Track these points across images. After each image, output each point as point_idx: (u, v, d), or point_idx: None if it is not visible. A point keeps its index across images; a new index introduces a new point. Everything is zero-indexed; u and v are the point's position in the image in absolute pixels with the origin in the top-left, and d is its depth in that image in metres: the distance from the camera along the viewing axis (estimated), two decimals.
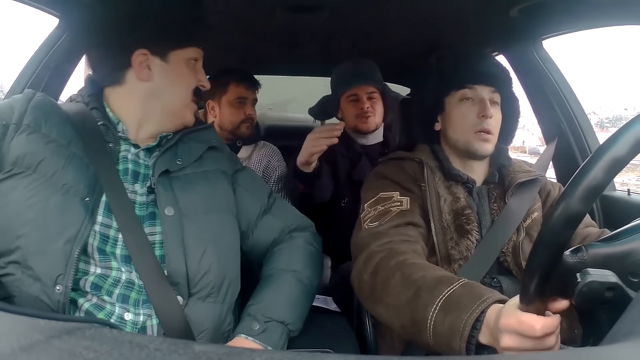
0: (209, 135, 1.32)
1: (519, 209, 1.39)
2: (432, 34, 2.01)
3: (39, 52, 1.79)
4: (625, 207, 1.78)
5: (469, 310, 0.89)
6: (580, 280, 0.69)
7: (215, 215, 1.21)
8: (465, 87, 1.42)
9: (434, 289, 0.99)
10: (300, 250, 1.32)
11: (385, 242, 1.21)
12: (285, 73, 3.03)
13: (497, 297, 0.90)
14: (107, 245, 1.09)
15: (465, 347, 0.88)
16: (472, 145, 1.40)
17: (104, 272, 1.09)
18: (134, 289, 1.10)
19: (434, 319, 0.95)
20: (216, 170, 1.27)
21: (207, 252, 1.14)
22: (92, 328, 0.54)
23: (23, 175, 1.06)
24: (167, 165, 1.18)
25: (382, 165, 1.50)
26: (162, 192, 1.15)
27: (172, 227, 1.13)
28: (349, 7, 1.73)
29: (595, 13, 1.54)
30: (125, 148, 1.19)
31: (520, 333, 0.77)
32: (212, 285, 1.14)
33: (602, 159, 0.64)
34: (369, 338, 1.54)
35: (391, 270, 1.10)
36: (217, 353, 0.47)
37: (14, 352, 0.45)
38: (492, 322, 0.85)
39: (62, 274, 1.02)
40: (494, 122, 1.40)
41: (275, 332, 1.16)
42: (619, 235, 0.79)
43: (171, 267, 1.10)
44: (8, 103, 1.15)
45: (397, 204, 1.33)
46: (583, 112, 1.93)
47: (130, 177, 1.17)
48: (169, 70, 1.19)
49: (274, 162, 2.27)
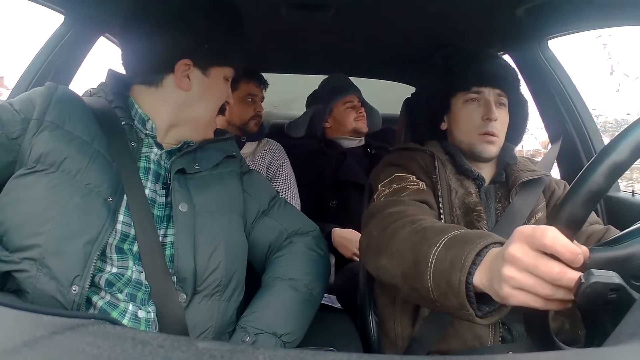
0: (228, 146, 1.33)
1: (523, 208, 1.38)
2: (438, 33, 2.01)
3: (44, 49, 1.80)
4: (629, 208, 1.77)
5: (473, 243, 0.84)
6: (584, 281, 0.69)
7: (227, 216, 1.21)
8: (471, 89, 1.41)
9: (441, 231, 0.94)
10: (299, 257, 1.30)
11: (401, 207, 1.17)
12: (290, 71, 3.03)
13: (504, 240, 0.82)
14: (125, 243, 1.10)
15: (465, 285, 0.82)
16: (476, 147, 1.40)
17: (119, 270, 1.08)
18: (140, 289, 1.10)
19: (437, 256, 0.89)
20: (231, 172, 1.29)
21: (217, 250, 1.14)
22: (95, 324, 0.54)
23: (46, 172, 1.05)
24: (184, 165, 1.18)
25: (393, 154, 1.49)
26: (178, 189, 1.15)
27: (184, 223, 1.13)
28: (354, 6, 1.73)
29: (602, 13, 1.53)
30: (147, 149, 1.20)
31: (529, 240, 0.71)
32: (218, 282, 1.14)
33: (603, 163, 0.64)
34: (372, 337, 1.54)
35: (402, 223, 1.06)
36: (220, 350, 0.47)
37: (17, 348, 0.45)
38: (494, 256, 0.80)
39: (79, 275, 1.01)
40: (499, 125, 1.39)
41: (266, 344, 1.13)
42: (621, 239, 0.79)
43: (180, 263, 1.10)
44: (28, 96, 1.14)
45: (413, 183, 1.31)
46: (588, 112, 1.92)
47: (152, 177, 1.18)
48: (207, 84, 1.23)
49: (278, 159, 2.29)
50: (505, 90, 1.42)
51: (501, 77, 1.42)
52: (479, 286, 0.82)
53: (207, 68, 1.22)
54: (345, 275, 2.04)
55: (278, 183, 2.20)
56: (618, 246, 0.77)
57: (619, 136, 0.66)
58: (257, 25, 2.00)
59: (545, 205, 1.43)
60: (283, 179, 2.23)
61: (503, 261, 0.74)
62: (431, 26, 1.93)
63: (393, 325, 1.38)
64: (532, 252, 0.71)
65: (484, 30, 1.91)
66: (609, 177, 0.65)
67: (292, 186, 2.24)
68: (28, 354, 0.45)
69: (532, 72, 1.96)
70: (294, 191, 2.23)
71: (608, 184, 0.65)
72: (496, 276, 0.76)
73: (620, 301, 0.67)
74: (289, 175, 2.26)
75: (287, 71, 3.00)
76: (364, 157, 2.51)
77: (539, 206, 1.41)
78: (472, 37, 1.99)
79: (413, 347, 1.31)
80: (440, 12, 1.76)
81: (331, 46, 2.34)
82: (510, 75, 1.45)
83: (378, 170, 1.44)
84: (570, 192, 0.67)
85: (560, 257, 0.69)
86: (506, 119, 1.43)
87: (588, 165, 0.66)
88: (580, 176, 0.67)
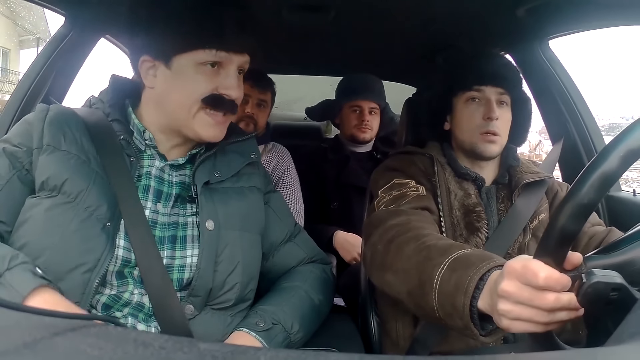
0: (249, 148, 1.27)
1: (525, 209, 1.38)
2: (439, 34, 2.01)
3: (45, 50, 1.80)
4: (630, 208, 1.77)
5: (476, 267, 0.87)
6: (586, 281, 0.69)
7: (248, 235, 1.18)
8: (472, 88, 1.41)
9: (445, 251, 0.97)
10: (316, 276, 1.30)
11: (402, 218, 1.19)
12: (291, 72, 3.04)
13: (504, 261, 0.86)
14: (126, 268, 1.06)
15: (469, 308, 0.85)
16: (477, 146, 1.39)
17: (118, 293, 1.06)
18: (142, 311, 1.07)
19: (441, 278, 0.92)
20: (252, 188, 1.24)
21: (235, 272, 1.12)
22: (96, 326, 0.54)
23: (47, 196, 1.04)
24: (208, 177, 1.14)
25: (392, 158, 1.50)
26: (205, 204, 1.11)
27: (210, 242, 1.10)
28: (355, 7, 1.73)
29: (603, 13, 1.53)
30: (149, 163, 1.15)
31: (521, 278, 0.73)
32: (231, 302, 1.13)
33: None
34: (374, 337, 1.54)
35: (406, 239, 1.08)
36: (221, 351, 0.47)
37: (18, 349, 0.45)
38: (493, 283, 0.82)
39: (78, 302, 0.98)
40: (500, 124, 1.39)
41: (278, 336, 1.12)
42: (618, 245, 0.79)
43: (199, 282, 1.08)
44: (23, 127, 1.11)
45: (413, 189, 1.32)
46: (589, 112, 1.92)
47: (153, 196, 1.12)
48: (170, 75, 1.09)
49: (283, 163, 2.26)
50: (506, 89, 1.41)
51: (502, 75, 1.41)
52: (482, 309, 0.85)
53: (168, 59, 1.08)
54: (349, 275, 2.05)
55: (282, 187, 2.18)
56: (614, 253, 0.78)
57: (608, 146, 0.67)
58: (258, 26, 2.00)
59: (548, 207, 1.43)
60: (287, 183, 2.21)
61: (497, 297, 0.77)
62: (432, 27, 1.93)
63: (395, 326, 1.38)
64: (525, 287, 0.73)
65: (485, 31, 1.91)
66: (599, 189, 0.65)
67: (295, 190, 2.22)
68: (29, 355, 0.45)
69: (533, 73, 1.96)
70: (297, 195, 2.22)
71: (599, 196, 0.66)
72: (494, 308, 0.79)
73: (621, 301, 0.67)
74: (293, 180, 2.24)
75: (288, 72, 3.01)
76: (368, 161, 2.47)
77: (542, 207, 1.41)
78: (473, 37, 1.99)
79: (415, 347, 1.31)
80: (442, 13, 1.76)
81: (332, 47, 2.34)
82: (511, 73, 1.44)
83: (377, 175, 1.44)
84: (561, 206, 0.68)
85: (553, 291, 0.72)
86: (508, 117, 1.43)
87: (578, 178, 0.67)
88: (571, 190, 0.68)
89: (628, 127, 0.67)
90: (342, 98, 2.49)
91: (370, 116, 2.43)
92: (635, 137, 0.65)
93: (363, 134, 2.43)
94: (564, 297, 0.72)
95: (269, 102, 2.25)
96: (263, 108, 2.22)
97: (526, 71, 1.97)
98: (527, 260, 0.74)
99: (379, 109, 2.47)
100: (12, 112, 1.71)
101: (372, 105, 2.44)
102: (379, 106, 2.47)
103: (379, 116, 2.49)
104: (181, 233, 1.12)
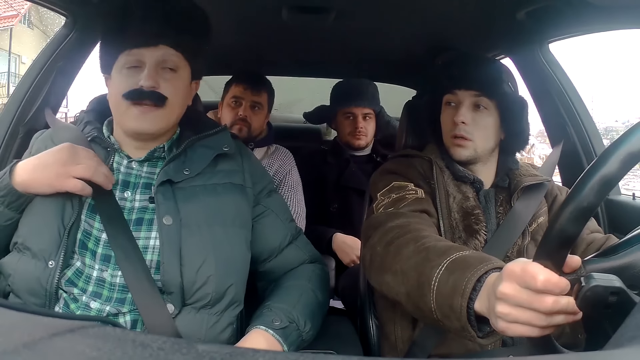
0: (221, 141, 1.26)
1: (524, 212, 1.38)
2: (438, 37, 2.01)
3: (46, 50, 1.80)
4: (630, 212, 1.77)
5: (474, 268, 0.87)
6: (584, 285, 0.69)
7: (221, 228, 1.17)
8: (450, 91, 1.42)
9: (443, 253, 0.97)
10: (319, 276, 1.31)
11: (402, 221, 1.19)
12: (291, 74, 3.03)
13: (503, 264, 0.85)
14: (89, 242, 1.13)
15: (467, 309, 0.86)
16: (449, 150, 1.41)
17: (80, 267, 1.12)
18: (104, 287, 1.11)
19: (439, 279, 0.93)
20: (227, 184, 1.23)
21: (206, 264, 1.12)
22: (95, 326, 0.54)
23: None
24: (170, 176, 1.16)
25: (391, 161, 1.50)
26: (162, 202, 1.14)
27: (169, 236, 1.12)
28: (355, 8, 1.73)
29: (603, 16, 1.53)
30: (117, 160, 1.22)
31: (520, 281, 0.73)
32: (210, 297, 1.12)
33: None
34: (373, 340, 1.54)
35: (406, 240, 1.09)
36: (220, 353, 0.47)
37: (17, 349, 0.45)
38: (491, 285, 0.82)
39: (53, 252, 1.09)
40: (472, 128, 1.37)
41: (293, 334, 1.13)
42: (617, 249, 0.79)
43: (166, 277, 1.10)
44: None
45: (412, 192, 1.32)
46: (589, 115, 1.92)
47: (120, 186, 1.18)
48: (109, 86, 1.22)
49: (285, 166, 2.23)
50: (482, 92, 1.38)
51: (475, 78, 1.39)
52: (479, 311, 0.85)
53: (109, 72, 1.21)
54: (348, 278, 2.05)
55: (284, 190, 2.16)
56: (613, 257, 0.78)
57: (608, 150, 0.67)
58: (257, 28, 2.01)
59: (547, 210, 1.43)
60: (289, 186, 2.18)
61: (495, 299, 0.77)
62: (432, 30, 1.93)
63: (393, 329, 1.38)
64: (524, 290, 0.73)
65: (485, 34, 1.92)
66: (599, 192, 0.66)
67: (297, 193, 2.20)
68: (28, 355, 0.45)
69: (533, 76, 1.96)
70: (299, 198, 2.19)
71: (599, 199, 0.66)
72: (492, 310, 0.79)
73: (620, 304, 0.68)
74: (296, 183, 2.21)
75: (288, 74, 3.01)
76: (368, 163, 2.46)
77: (541, 211, 1.41)
78: (473, 40, 2.00)
79: (413, 350, 1.31)
80: (441, 16, 1.76)
81: (332, 49, 2.34)
82: (485, 76, 1.41)
83: (376, 178, 1.44)
84: (561, 209, 0.68)
85: (552, 294, 0.72)
86: (487, 121, 1.39)
87: (578, 181, 0.67)
88: (571, 193, 0.68)
89: (628, 131, 0.68)
90: (335, 104, 2.48)
91: (365, 122, 2.42)
92: (635, 141, 0.65)
93: (358, 141, 2.42)
94: (562, 300, 0.72)
95: (264, 104, 2.19)
96: (257, 110, 2.17)
97: (526, 74, 1.97)
98: (526, 263, 0.74)
99: (373, 114, 2.45)
100: (12, 112, 1.71)
101: (366, 111, 2.42)
102: (374, 111, 2.45)
103: (374, 121, 2.46)
104: (148, 216, 1.16)
